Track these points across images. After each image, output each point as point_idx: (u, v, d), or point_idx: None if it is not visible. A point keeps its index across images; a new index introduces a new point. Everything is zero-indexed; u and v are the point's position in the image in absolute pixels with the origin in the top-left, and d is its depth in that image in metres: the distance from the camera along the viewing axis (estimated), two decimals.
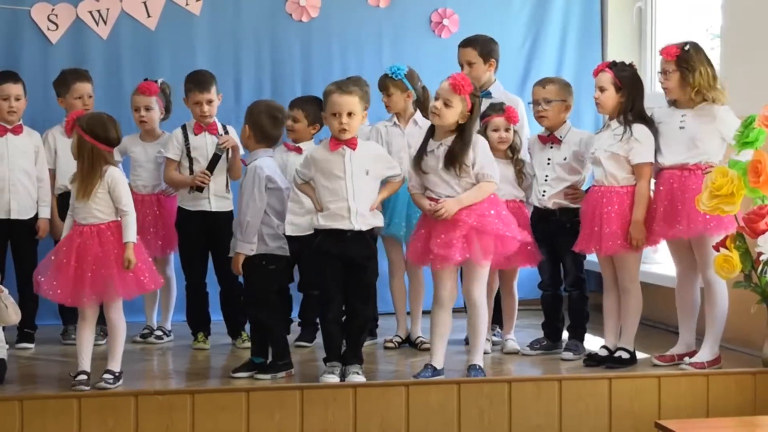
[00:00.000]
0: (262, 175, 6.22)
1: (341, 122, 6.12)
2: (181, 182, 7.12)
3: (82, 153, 6.04)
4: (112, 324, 6.13)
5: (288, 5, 8.28)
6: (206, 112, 7.09)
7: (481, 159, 6.17)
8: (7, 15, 7.89)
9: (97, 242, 6.00)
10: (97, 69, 7.85)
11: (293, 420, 5.89)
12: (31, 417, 5.66)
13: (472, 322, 6.30)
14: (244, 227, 6.22)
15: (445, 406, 6.03)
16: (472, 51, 7.25)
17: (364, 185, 6.18)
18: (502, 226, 6.17)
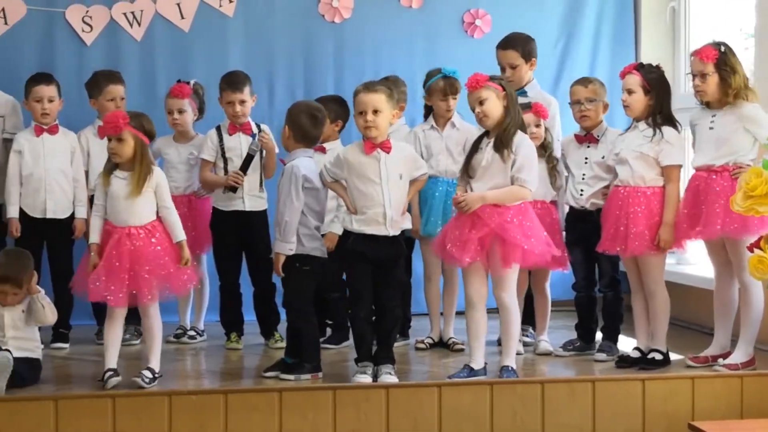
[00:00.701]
0: (299, 175, 6.22)
1: (366, 120, 6.12)
2: (215, 183, 7.15)
3: (136, 152, 6.07)
4: (151, 324, 6.17)
5: (321, 6, 8.30)
6: (239, 112, 7.11)
7: (521, 161, 6.12)
8: (42, 17, 7.95)
9: (149, 242, 6.04)
10: (131, 71, 7.90)
11: (326, 420, 5.89)
12: (65, 416, 5.69)
13: (503, 325, 6.29)
14: (282, 227, 6.23)
15: (478, 407, 6.02)
16: (514, 53, 7.20)
17: (398, 190, 6.19)
18: (522, 236, 6.09)
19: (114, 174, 6.13)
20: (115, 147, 6.07)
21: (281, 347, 6.75)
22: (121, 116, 6.08)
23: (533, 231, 6.16)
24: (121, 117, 6.07)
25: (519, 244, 6.08)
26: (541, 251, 6.16)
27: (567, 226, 6.90)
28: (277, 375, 6.27)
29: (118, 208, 6.09)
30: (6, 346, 6.01)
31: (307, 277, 6.32)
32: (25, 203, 7.11)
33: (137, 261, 6.02)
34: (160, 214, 6.14)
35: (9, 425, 5.62)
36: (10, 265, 6.13)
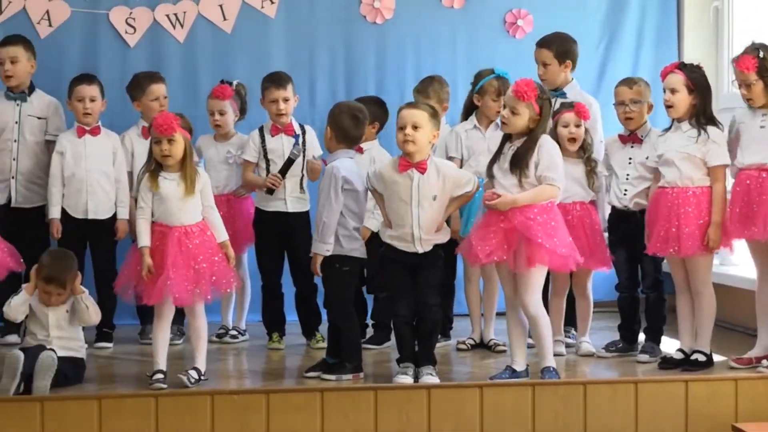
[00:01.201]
0: (339, 176, 6.23)
1: (405, 133, 6.10)
2: (256, 183, 7.18)
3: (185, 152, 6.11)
4: (198, 324, 6.20)
5: (362, 7, 8.31)
6: (282, 110, 7.12)
7: (546, 161, 6.09)
8: (86, 18, 8.01)
9: (203, 239, 6.08)
10: (173, 72, 7.94)
11: (367, 421, 5.89)
12: (109, 415, 5.72)
13: (533, 332, 6.26)
14: (320, 228, 6.25)
15: (520, 408, 6.00)
16: (547, 52, 7.21)
17: (431, 211, 6.16)
18: (544, 235, 6.05)
19: (161, 176, 6.15)
20: (167, 148, 6.09)
21: (323, 347, 6.77)
22: (173, 117, 6.10)
23: (557, 232, 6.12)
24: (173, 118, 6.10)
25: (541, 243, 6.04)
26: (563, 253, 6.10)
27: (610, 226, 6.87)
28: (318, 375, 6.28)
29: (172, 209, 6.12)
30: (50, 346, 6.06)
31: (347, 278, 6.33)
32: (67, 204, 7.16)
33: (195, 258, 6.06)
34: (204, 214, 6.17)
35: (53, 424, 5.66)
36: (54, 265, 6.18)
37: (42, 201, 7.29)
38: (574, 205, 6.67)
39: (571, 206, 6.67)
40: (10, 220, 6.95)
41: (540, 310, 6.19)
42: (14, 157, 7.31)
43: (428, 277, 6.20)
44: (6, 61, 7.30)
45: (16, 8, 7.90)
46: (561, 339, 6.85)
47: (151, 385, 6.01)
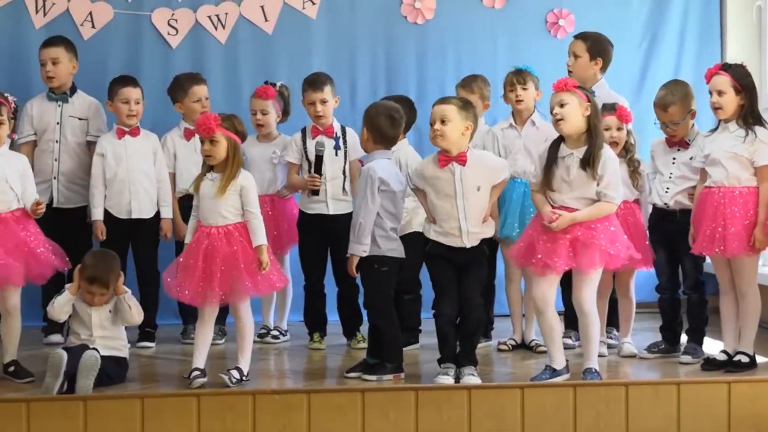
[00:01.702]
0: (375, 177, 6.24)
1: (434, 129, 6.12)
2: (299, 186, 7.20)
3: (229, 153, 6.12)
4: (242, 323, 6.21)
5: (403, 7, 8.31)
6: (320, 112, 7.14)
7: (608, 178, 6.08)
8: (128, 20, 8.06)
9: (225, 243, 6.09)
10: (215, 73, 7.98)
11: (408, 421, 5.89)
12: (151, 414, 5.75)
13: (582, 331, 6.26)
14: (356, 229, 6.26)
15: (561, 409, 5.98)
16: (581, 44, 7.22)
17: (475, 202, 6.17)
18: (607, 242, 6.06)
19: (207, 176, 6.19)
20: (209, 149, 6.12)
21: (363, 348, 6.78)
22: (213, 118, 6.11)
23: (617, 235, 6.14)
24: (213, 119, 6.11)
25: (605, 250, 6.05)
26: (624, 256, 6.13)
27: (651, 226, 6.84)
28: (359, 375, 6.29)
29: (205, 208, 6.16)
30: (94, 345, 6.10)
31: (386, 278, 6.34)
32: (110, 205, 7.21)
33: (212, 260, 6.06)
34: (245, 218, 6.18)
35: (96, 423, 5.70)
36: (97, 266, 6.22)
37: (83, 201, 7.34)
38: None
39: None
40: (52, 220, 6.99)
41: (594, 309, 6.19)
42: (56, 157, 7.37)
43: (474, 276, 6.20)
44: (48, 62, 7.36)
45: (59, 10, 7.97)
46: (603, 340, 6.82)
47: (190, 384, 6.03)
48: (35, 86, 7.65)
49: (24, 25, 7.94)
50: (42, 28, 7.91)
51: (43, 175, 7.23)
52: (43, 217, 6.53)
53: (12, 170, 6.25)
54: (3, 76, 7.64)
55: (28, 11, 7.94)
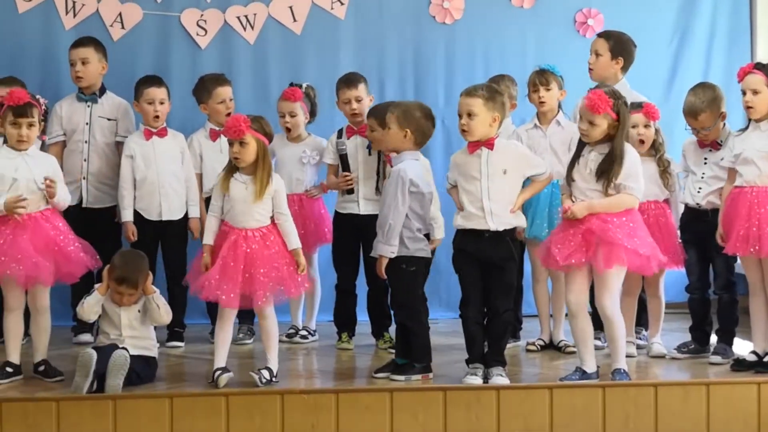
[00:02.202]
0: (406, 178, 6.24)
1: (461, 123, 6.13)
2: (335, 186, 7.23)
3: (258, 155, 6.14)
4: (268, 325, 6.23)
5: (431, 7, 8.31)
6: (355, 110, 7.16)
7: (626, 170, 6.06)
8: (157, 21, 8.09)
9: (264, 246, 6.10)
10: (243, 73, 8.00)
11: (436, 421, 5.89)
12: (180, 414, 5.77)
13: (607, 333, 6.25)
14: (385, 230, 6.25)
15: (590, 409, 5.97)
16: (604, 42, 7.21)
17: (502, 185, 6.17)
18: (624, 236, 6.02)
19: (234, 177, 6.19)
20: (238, 151, 6.13)
21: (391, 348, 6.77)
22: (243, 120, 6.12)
23: (636, 233, 6.08)
24: (243, 121, 6.11)
25: (621, 244, 6.00)
26: (644, 253, 6.07)
27: (681, 226, 6.81)
28: (387, 376, 6.29)
29: (237, 210, 6.16)
30: (123, 345, 6.12)
31: (414, 278, 6.33)
32: (141, 207, 7.23)
33: (252, 263, 6.08)
34: (276, 221, 6.20)
35: (126, 422, 5.73)
36: (126, 266, 6.24)
37: (112, 202, 7.38)
38: (648, 203, 6.62)
39: (645, 205, 6.60)
40: (81, 220, 7.03)
41: (616, 312, 6.16)
42: (85, 158, 7.41)
43: (502, 280, 6.19)
44: (77, 63, 7.40)
45: (89, 11, 8.00)
46: (632, 340, 6.80)
47: (216, 383, 6.05)
48: (65, 87, 7.69)
49: (54, 27, 7.98)
50: (72, 29, 7.94)
51: (72, 176, 7.26)
52: (72, 216, 6.57)
53: (41, 171, 6.27)
54: (33, 77, 7.67)
55: (58, 12, 7.98)
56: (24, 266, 6.06)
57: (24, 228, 6.13)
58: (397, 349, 6.42)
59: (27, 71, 7.67)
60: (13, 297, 6.24)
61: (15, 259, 6.06)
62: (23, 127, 6.22)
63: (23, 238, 6.10)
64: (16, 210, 6.09)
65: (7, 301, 6.27)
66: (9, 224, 6.13)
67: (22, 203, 6.09)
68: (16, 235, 6.11)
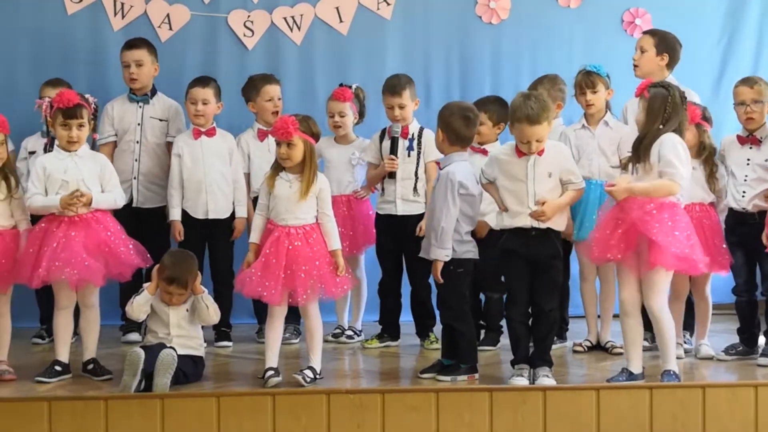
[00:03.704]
0: (455, 181, 6.22)
1: (531, 147, 6.11)
2: (378, 175, 7.24)
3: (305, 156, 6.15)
4: (312, 324, 6.25)
5: (478, 8, 8.30)
6: (397, 116, 7.16)
7: (666, 155, 5.99)
8: (205, 22, 8.14)
9: (306, 243, 6.13)
10: (290, 74, 8.03)
11: (482, 422, 5.89)
12: (227, 412, 5.80)
13: (657, 333, 6.22)
14: (438, 234, 6.24)
15: (637, 410, 5.94)
16: (649, 39, 7.20)
17: (546, 187, 6.16)
18: (661, 233, 5.96)
19: (280, 175, 6.22)
20: (285, 152, 6.16)
21: (436, 348, 6.78)
22: (291, 121, 6.13)
23: (674, 231, 6.02)
24: (291, 122, 6.13)
25: (663, 245, 5.95)
26: (683, 254, 6.01)
27: (727, 229, 6.76)
28: (433, 376, 6.29)
29: (281, 208, 6.19)
30: (171, 344, 6.16)
31: (461, 279, 6.32)
32: (188, 205, 7.28)
33: (294, 260, 6.10)
34: (319, 220, 6.22)
35: (173, 421, 5.76)
36: (175, 266, 6.28)
37: (162, 202, 7.43)
38: (693, 206, 6.58)
39: (690, 207, 6.56)
40: (131, 220, 7.08)
41: (665, 312, 6.13)
42: (136, 158, 7.47)
43: (546, 280, 6.18)
44: (132, 65, 7.45)
45: (137, 12, 8.06)
46: (680, 342, 6.76)
47: (265, 383, 6.07)
48: (113, 87, 7.76)
49: (102, 28, 8.04)
50: (120, 30, 8.00)
51: (124, 176, 7.30)
52: (123, 216, 6.62)
53: (89, 171, 6.32)
54: (82, 78, 7.74)
55: (107, 14, 8.04)
56: (77, 270, 6.11)
57: (76, 230, 6.18)
58: (443, 350, 6.42)
59: (75, 72, 7.75)
60: (64, 296, 6.29)
61: (68, 263, 6.11)
62: (73, 129, 6.27)
63: (76, 241, 6.15)
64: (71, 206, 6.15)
65: (57, 300, 6.32)
66: (61, 227, 6.19)
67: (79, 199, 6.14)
68: (69, 237, 6.16)
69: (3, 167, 6.28)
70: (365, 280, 7.54)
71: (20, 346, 6.83)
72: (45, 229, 6.21)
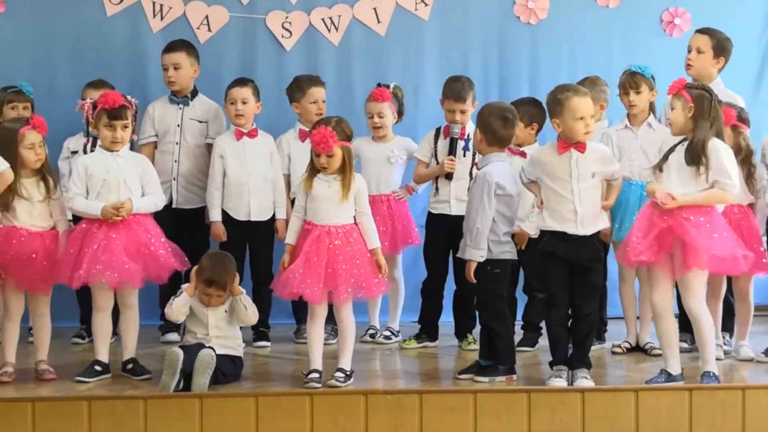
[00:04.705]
0: (492, 182, 6.22)
1: (588, 125, 6.10)
2: (430, 174, 7.26)
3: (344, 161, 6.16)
4: (344, 323, 6.25)
5: (516, 7, 8.28)
6: (458, 120, 7.17)
7: (717, 164, 5.97)
8: (243, 23, 8.16)
9: (347, 242, 6.14)
10: (328, 75, 8.03)
11: (520, 423, 5.87)
12: (265, 412, 5.82)
13: (696, 333, 6.19)
14: (473, 234, 6.24)
15: (676, 412, 5.91)
16: (707, 40, 7.14)
17: (590, 188, 6.14)
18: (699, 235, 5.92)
19: (317, 177, 6.23)
20: (326, 162, 6.17)
21: (474, 349, 6.77)
22: (329, 134, 6.11)
23: (714, 232, 5.99)
24: (330, 135, 6.11)
25: (699, 247, 5.93)
26: (725, 255, 5.98)
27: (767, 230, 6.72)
28: (471, 377, 6.29)
29: (320, 209, 6.20)
30: (209, 344, 6.18)
31: (499, 280, 6.32)
32: (229, 206, 7.30)
33: (335, 259, 6.11)
34: (358, 220, 6.23)
35: (212, 421, 5.78)
36: (214, 268, 6.30)
37: (202, 203, 7.45)
38: (731, 207, 6.54)
39: (729, 209, 6.52)
40: (171, 220, 7.12)
41: (705, 313, 6.11)
42: (176, 159, 7.50)
43: (588, 282, 6.16)
44: (170, 68, 7.49)
45: (176, 14, 8.10)
46: (719, 343, 6.72)
47: (305, 384, 6.08)
48: (153, 89, 7.81)
49: (142, 29, 8.08)
50: (159, 32, 8.04)
51: (163, 176, 7.32)
52: (162, 217, 6.65)
53: (130, 172, 6.36)
54: (121, 79, 7.77)
55: (146, 15, 8.08)
56: (117, 272, 6.16)
57: (117, 231, 6.23)
58: (481, 351, 6.41)
59: (115, 73, 7.77)
60: (103, 297, 6.33)
61: (108, 266, 6.15)
62: (118, 130, 6.31)
63: (116, 243, 6.20)
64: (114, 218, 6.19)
65: (96, 301, 6.36)
66: (102, 228, 6.23)
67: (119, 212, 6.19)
68: (109, 239, 6.20)
69: (41, 168, 6.33)
70: (403, 280, 7.54)
71: (60, 346, 6.90)
72: (85, 230, 6.25)
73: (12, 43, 8.00)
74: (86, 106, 6.43)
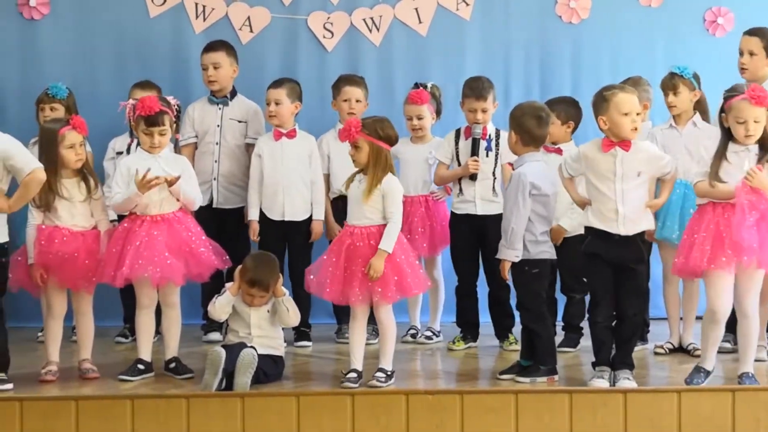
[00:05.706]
0: (526, 182, 6.20)
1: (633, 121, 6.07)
2: (452, 175, 7.23)
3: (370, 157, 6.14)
4: (383, 324, 6.26)
5: (558, 7, 8.26)
6: (479, 120, 7.15)
7: None
8: (285, 24, 8.19)
9: (367, 244, 6.14)
10: (370, 75, 8.03)
11: (562, 423, 5.86)
12: (306, 412, 5.84)
13: (743, 332, 6.14)
14: (508, 234, 6.23)
15: (719, 413, 5.88)
16: (758, 41, 7.07)
17: (635, 188, 6.11)
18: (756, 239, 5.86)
19: (356, 177, 6.25)
20: (353, 153, 6.19)
21: (515, 349, 6.76)
22: (354, 125, 6.15)
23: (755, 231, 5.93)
24: (354, 125, 6.14)
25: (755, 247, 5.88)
26: None
27: None
28: (512, 378, 6.27)
29: (351, 208, 6.23)
30: (251, 344, 6.21)
31: (538, 279, 6.30)
32: (265, 206, 7.33)
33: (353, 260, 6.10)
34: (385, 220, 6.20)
35: (254, 420, 5.81)
36: (258, 269, 6.33)
37: (242, 202, 7.49)
38: None
39: None
40: (211, 220, 7.16)
41: (756, 313, 6.08)
42: (216, 159, 7.54)
43: (632, 283, 6.14)
44: (209, 67, 7.53)
45: (218, 15, 8.14)
46: (763, 344, 6.67)
47: (341, 383, 6.10)
48: (196, 90, 7.85)
49: (184, 30, 8.13)
50: (202, 32, 8.09)
51: (204, 176, 7.38)
52: (203, 217, 6.69)
53: (172, 171, 6.38)
54: (165, 79, 7.81)
55: (189, 16, 8.12)
56: (159, 267, 6.20)
57: (158, 229, 6.27)
58: (522, 351, 6.40)
59: (158, 74, 7.82)
60: (146, 295, 6.37)
61: (151, 261, 6.19)
62: (155, 136, 6.35)
63: (158, 240, 6.24)
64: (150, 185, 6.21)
65: (139, 299, 6.40)
66: (144, 226, 6.27)
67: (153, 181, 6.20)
68: (151, 236, 6.25)
69: (82, 168, 6.38)
70: (442, 281, 7.53)
71: (104, 345, 6.96)
72: (128, 229, 6.30)
73: (56, 45, 8.07)
74: (128, 107, 6.47)
